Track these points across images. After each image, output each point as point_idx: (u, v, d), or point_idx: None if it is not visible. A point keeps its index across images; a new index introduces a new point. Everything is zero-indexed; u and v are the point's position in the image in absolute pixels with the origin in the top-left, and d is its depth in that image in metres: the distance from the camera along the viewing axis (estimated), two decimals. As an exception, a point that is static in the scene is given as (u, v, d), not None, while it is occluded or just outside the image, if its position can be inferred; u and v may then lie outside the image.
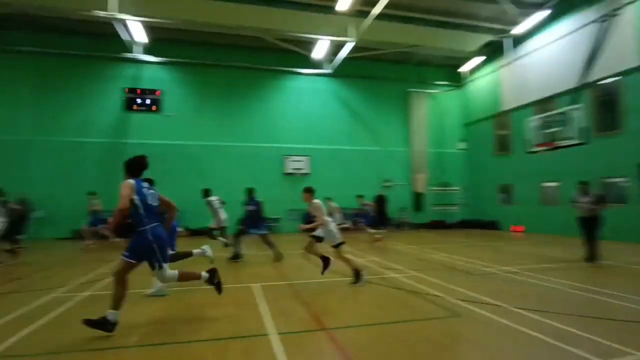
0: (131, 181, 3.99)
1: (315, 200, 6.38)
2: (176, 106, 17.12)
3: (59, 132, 15.94)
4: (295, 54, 17.14)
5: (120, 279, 3.97)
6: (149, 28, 14.51)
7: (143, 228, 3.96)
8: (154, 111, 16.85)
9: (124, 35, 14.65)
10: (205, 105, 17.59)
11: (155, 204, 4.15)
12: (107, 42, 15.97)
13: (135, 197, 3.93)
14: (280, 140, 18.14)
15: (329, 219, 6.46)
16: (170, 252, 5.30)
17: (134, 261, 3.97)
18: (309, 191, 6.45)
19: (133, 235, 4.02)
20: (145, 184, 4.16)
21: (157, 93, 16.91)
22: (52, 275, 7.53)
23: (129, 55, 15.71)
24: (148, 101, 16.76)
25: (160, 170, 16.01)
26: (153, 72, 17.07)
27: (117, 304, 3.94)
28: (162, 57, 16.38)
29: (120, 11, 12.30)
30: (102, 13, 12.07)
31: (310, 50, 16.65)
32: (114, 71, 16.65)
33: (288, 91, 18.56)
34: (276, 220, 16.58)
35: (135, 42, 15.41)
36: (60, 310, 4.92)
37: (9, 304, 5.23)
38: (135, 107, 16.64)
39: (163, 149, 16.34)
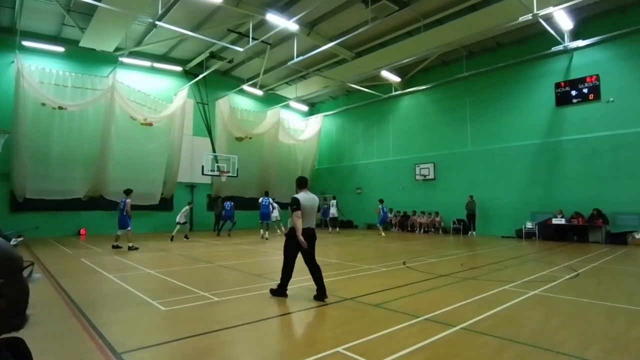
0: None
1: None
2: (617, 89, 14.24)
3: (491, 141, 17.69)
4: None
5: None
6: (572, 11, 13.16)
7: None
8: (591, 100, 14.84)
9: (548, 29, 14.03)
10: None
11: None
12: (531, 43, 16.18)
13: None
14: None
15: None
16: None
17: None
18: None
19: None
20: None
21: (592, 79, 14.81)
22: (501, 269, 8.34)
23: (557, 48, 14.76)
24: (585, 90, 14.98)
25: (608, 165, 14.04)
26: (585, 57, 15.16)
27: None
28: (594, 37, 14.12)
29: (540, 7, 11.88)
30: (528, 17, 12.12)
31: None
32: (542, 69, 16.28)
33: None
34: None
35: (562, 31, 14.34)
36: (511, 303, 5.34)
37: (468, 288, 6.33)
38: (568, 100, 15.39)
39: (610, 141, 14.20)
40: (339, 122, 25.61)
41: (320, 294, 5.54)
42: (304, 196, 5.79)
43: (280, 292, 5.74)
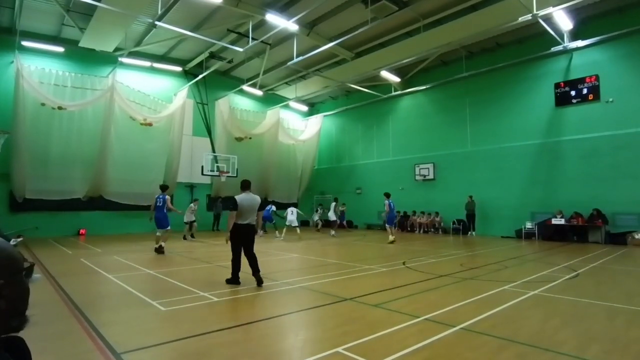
0: None
1: None
2: (617, 89, 14.25)
3: (490, 141, 17.67)
4: None
5: None
6: (572, 11, 13.19)
7: None
8: (590, 100, 14.85)
9: (548, 29, 14.03)
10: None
11: None
12: (531, 43, 16.20)
13: None
14: None
15: None
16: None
17: None
18: None
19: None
20: None
21: (592, 79, 14.82)
22: (501, 269, 8.34)
23: (556, 48, 14.74)
24: (584, 90, 14.99)
25: (608, 165, 14.06)
26: (585, 57, 15.16)
27: None
28: (593, 37, 14.11)
29: (540, 7, 11.88)
30: (527, 17, 12.12)
31: None
32: (542, 69, 16.28)
33: None
34: None
35: (562, 32, 14.35)
36: (510, 303, 5.34)
37: (468, 288, 6.34)
38: (568, 100, 15.41)
39: (609, 141, 14.21)
40: (339, 122, 25.60)
41: (256, 275, 6.62)
42: (244, 197, 6.61)
43: (233, 280, 6.67)
